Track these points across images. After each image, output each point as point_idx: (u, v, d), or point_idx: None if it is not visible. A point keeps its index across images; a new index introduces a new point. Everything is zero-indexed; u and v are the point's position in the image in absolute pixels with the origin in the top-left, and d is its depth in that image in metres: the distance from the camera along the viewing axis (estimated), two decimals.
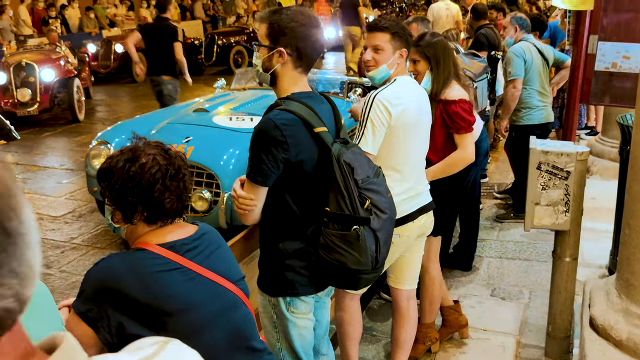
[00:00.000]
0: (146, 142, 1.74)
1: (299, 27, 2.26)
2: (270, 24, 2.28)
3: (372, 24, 2.86)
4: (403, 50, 2.79)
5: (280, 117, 2.22)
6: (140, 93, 12.75)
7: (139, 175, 1.64)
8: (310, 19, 2.31)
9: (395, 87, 2.75)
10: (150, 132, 5.10)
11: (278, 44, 2.27)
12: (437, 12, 9.53)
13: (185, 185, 1.73)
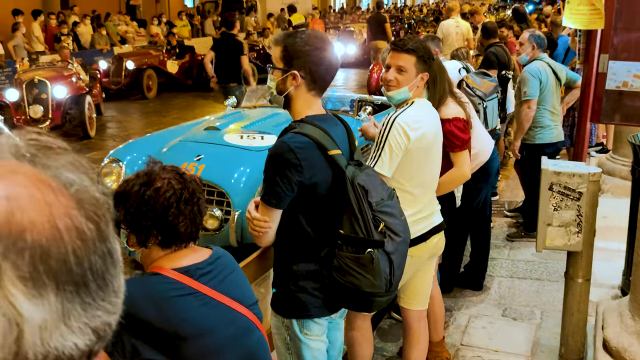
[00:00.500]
0: (161, 166, 1.76)
1: (313, 51, 2.28)
2: (285, 47, 2.31)
3: (399, 44, 2.83)
4: (425, 74, 2.81)
5: (295, 140, 2.23)
6: (150, 109, 12.85)
7: (153, 199, 1.65)
8: (324, 42, 2.34)
9: (415, 111, 2.76)
10: (162, 150, 5.13)
11: (292, 66, 2.29)
12: (446, 30, 9.57)
13: (200, 209, 1.74)
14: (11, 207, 0.53)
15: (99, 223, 0.58)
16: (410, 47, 2.77)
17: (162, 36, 17.11)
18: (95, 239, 0.57)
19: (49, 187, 0.57)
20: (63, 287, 0.54)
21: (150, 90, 14.26)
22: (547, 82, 5.12)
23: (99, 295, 0.57)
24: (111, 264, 0.59)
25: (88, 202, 0.59)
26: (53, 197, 0.56)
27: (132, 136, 10.28)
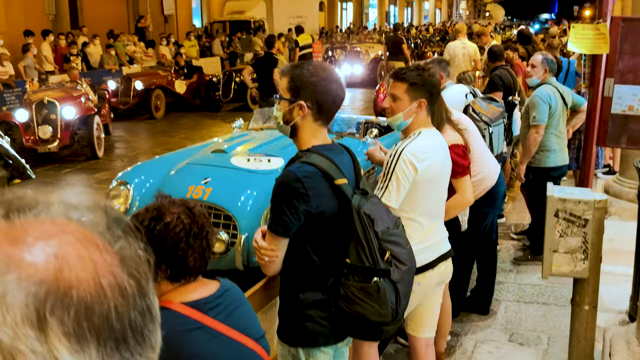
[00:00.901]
0: (171, 200, 1.79)
1: (320, 82, 2.32)
2: (292, 78, 2.34)
3: (394, 72, 2.89)
4: (422, 101, 2.82)
5: (302, 169, 2.26)
6: (158, 129, 12.93)
7: (163, 234, 1.68)
8: (330, 73, 2.37)
9: (422, 141, 2.77)
10: (170, 173, 5.18)
11: (299, 97, 2.33)
12: (453, 51, 9.62)
13: (209, 243, 1.76)
14: (60, 264, 0.56)
15: (139, 280, 0.61)
16: (401, 75, 2.82)
17: (170, 56, 17.26)
18: (136, 295, 0.60)
19: (95, 245, 0.59)
20: (104, 343, 0.56)
21: (158, 110, 14.36)
22: (556, 107, 5.13)
23: (137, 350, 0.59)
24: (150, 320, 0.61)
25: (130, 259, 0.62)
26: (98, 255, 0.59)
27: (140, 156, 10.34)
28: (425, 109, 2.85)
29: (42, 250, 0.57)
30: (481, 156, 4.12)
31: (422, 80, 2.81)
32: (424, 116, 2.87)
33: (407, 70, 2.86)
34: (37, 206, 0.62)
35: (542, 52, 5.88)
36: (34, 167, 9.55)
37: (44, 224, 0.60)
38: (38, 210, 0.62)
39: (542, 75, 5.25)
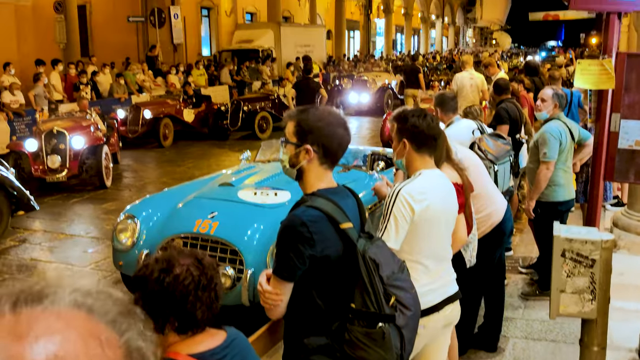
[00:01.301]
0: (180, 251, 1.79)
1: (326, 127, 2.33)
2: (298, 122, 2.36)
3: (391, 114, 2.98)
4: (404, 141, 2.87)
5: (307, 213, 2.27)
6: (166, 158, 13.00)
7: (172, 286, 1.68)
8: (336, 118, 2.39)
9: (420, 182, 2.79)
10: (177, 206, 5.20)
11: (305, 141, 2.34)
12: (461, 82, 9.66)
13: (217, 295, 1.76)
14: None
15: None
16: (392, 117, 2.93)
17: (180, 85, 17.42)
18: None
19: (99, 341, 0.62)
20: None
21: (166, 139, 14.45)
22: (565, 143, 5.11)
23: None
24: None
25: (137, 350, 0.64)
26: (100, 351, 0.61)
27: (148, 186, 10.39)
28: (412, 150, 2.87)
29: (44, 349, 0.59)
30: (487, 192, 4.12)
31: (405, 121, 2.87)
32: (418, 157, 2.89)
33: (399, 112, 2.94)
34: (47, 297, 0.64)
35: (552, 86, 5.88)
36: (42, 196, 9.64)
37: (49, 318, 0.62)
38: (47, 301, 0.64)
39: (551, 110, 5.21)
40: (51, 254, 7.03)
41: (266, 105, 15.95)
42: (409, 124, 2.86)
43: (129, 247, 5.01)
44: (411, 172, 2.91)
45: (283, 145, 2.43)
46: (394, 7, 44.39)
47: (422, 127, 2.85)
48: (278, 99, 16.41)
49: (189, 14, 24.65)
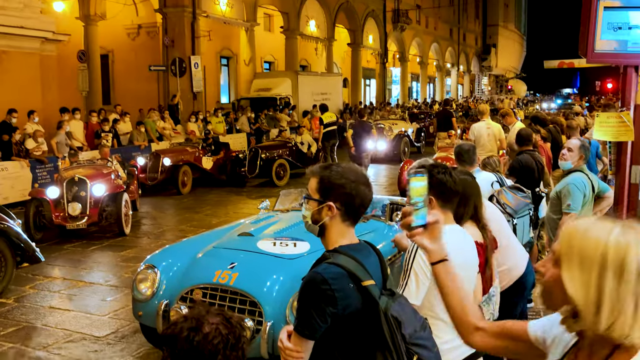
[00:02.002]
0: (208, 309, 1.80)
1: (349, 184, 2.36)
2: (321, 179, 2.39)
3: (409, 169, 2.96)
4: (430, 197, 2.86)
5: (329, 271, 2.27)
6: (184, 206, 13.10)
7: (201, 345, 1.69)
8: (358, 175, 2.42)
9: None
10: (197, 256, 5.21)
11: (328, 198, 2.37)
12: (478, 132, 9.70)
13: (244, 354, 1.77)
14: None
15: None
16: (410, 171, 2.90)
17: (198, 133, 17.66)
18: None
19: None
20: None
21: (185, 186, 14.59)
22: (588, 195, 5.08)
23: None
24: None
25: None
26: None
27: (166, 233, 10.45)
28: (437, 206, 2.87)
29: None
30: (508, 246, 4.10)
31: (429, 177, 2.85)
32: (441, 212, 2.88)
33: (413, 167, 2.93)
34: None
35: (578, 136, 5.86)
36: (62, 243, 9.73)
37: None
38: None
39: (577, 161, 5.15)
40: (70, 302, 7.05)
41: (284, 153, 16.09)
42: (436, 180, 2.87)
43: (149, 297, 5.02)
44: None
45: (306, 201, 2.46)
46: (410, 56, 45.03)
47: (450, 184, 2.86)
48: (296, 147, 16.56)
49: (209, 63, 25.18)
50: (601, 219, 1.53)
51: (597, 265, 1.43)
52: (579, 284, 1.46)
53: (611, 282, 1.41)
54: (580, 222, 1.55)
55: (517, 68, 75.24)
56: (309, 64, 34.64)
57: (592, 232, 1.47)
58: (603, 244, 1.44)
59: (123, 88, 25.95)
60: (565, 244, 1.52)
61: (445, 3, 51.02)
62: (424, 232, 1.98)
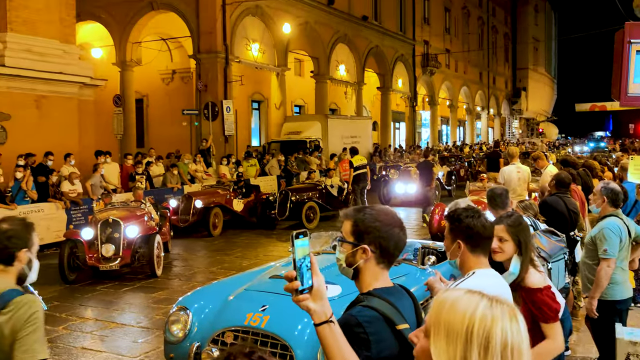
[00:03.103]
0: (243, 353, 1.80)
1: (383, 227, 2.37)
2: (355, 222, 2.41)
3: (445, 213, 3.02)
4: (458, 242, 2.87)
5: (363, 314, 2.27)
6: (215, 247, 13.17)
7: None
8: (393, 218, 2.43)
9: (473, 281, 2.77)
10: (228, 299, 5.23)
11: (362, 241, 2.37)
12: (508, 175, 9.63)
13: None
14: None
15: None
16: (445, 215, 2.98)
17: (230, 175, 17.87)
18: None
19: None
20: None
21: (215, 228, 14.70)
22: (625, 240, 4.98)
23: None
24: None
25: None
26: None
27: (197, 275, 10.51)
28: (466, 250, 2.87)
29: None
30: None
31: (459, 222, 2.88)
32: (472, 257, 2.88)
33: (452, 212, 2.94)
34: None
35: (605, 180, 5.78)
36: (95, 284, 9.83)
37: None
38: None
39: (601, 204, 5.12)
40: (102, 343, 7.09)
41: (314, 196, 16.15)
42: (464, 225, 2.87)
43: (181, 339, 5.03)
44: (465, 271, 2.90)
45: (340, 244, 2.47)
46: (439, 99, 45.20)
47: (478, 229, 2.85)
48: (325, 189, 16.61)
49: (241, 107, 25.62)
50: (470, 292, 1.52)
51: (462, 339, 1.42)
52: (444, 357, 1.44)
53: (476, 356, 1.40)
54: (449, 293, 1.54)
55: (548, 111, 74.89)
56: (339, 107, 34.99)
57: (460, 304, 1.47)
58: (469, 317, 1.43)
59: (157, 131, 26.53)
60: (434, 315, 1.51)
61: (474, 47, 51.40)
62: (309, 295, 1.98)
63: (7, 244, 2.79)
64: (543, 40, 70.40)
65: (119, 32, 24.80)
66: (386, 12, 36.43)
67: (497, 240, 3.05)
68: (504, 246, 3.32)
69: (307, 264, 2.00)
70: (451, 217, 2.95)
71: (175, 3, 23.31)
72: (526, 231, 3.31)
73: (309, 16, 28.16)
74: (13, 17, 14.66)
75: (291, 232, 2.05)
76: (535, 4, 68.95)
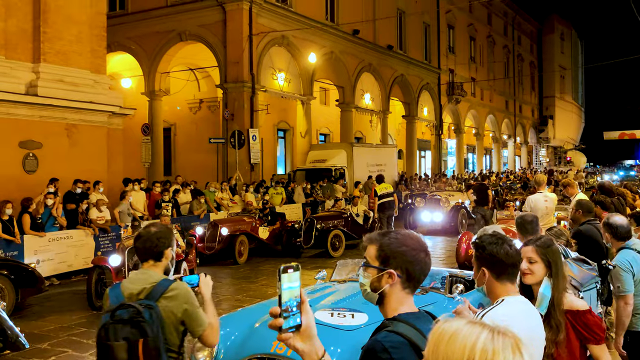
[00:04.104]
0: None
1: (409, 251, 2.35)
2: (381, 246, 2.39)
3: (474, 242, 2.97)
4: (483, 269, 2.85)
5: (389, 339, 2.24)
6: (240, 275, 13.18)
7: None
8: (418, 242, 2.41)
9: (502, 309, 2.72)
10: (254, 326, 5.21)
11: (388, 265, 2.36)
12: (535, 204, 9.49)
13: None
14: None
15: None
16: (472, 242, 2.93)
17: (255, 203, 17.94)
18: None
19: None
20: None
21: (241, 256, 14.73)
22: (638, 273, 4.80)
23: None
24: None
25: None
26: None
27: (222, 303, 10.49)
28: (491, 278, 2.84)
29: None
30: None
31: (483, 249, 2.86)
32: (498, 284, 2.84)
33: (479, 239, 2.92)
34: None
35: (608, 214, 5.60)
36: None
37: None
38: None
39: (609, 239, 4.97)
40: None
41: (339, 224, 16.12)
42: (487, 252, 2.85)
43: None
44: (493, 298, 2.86)
45: (364, 269, 2.45)
46: (465, 128, 45.07)
47: (501, 256, 2.81)
48: (351, 217, 16.57)
49: (266, 135, 25.85)
50: (472, 323, 1.46)
51: None
52: None
53: None
54: (449, 324, 1.48)
55: (576, 139, 74.16)
56: (364, 135, 35.07)
57: (459, 337, 1.41)
58: (469, 350, 1.37)
59: (183, 159, 26.84)
60: (432, 349, 1.45)
61: (500, 75, 51.32)
62: (296, 334, 1.91)
63: (158, 243, 3.39)
64: (569, 68, 70.05)
65: (148, 62, 25.31)
66: (411, 41, 36.65)
67: (526, 262, 3.01)
68: (533, 267, 3.25)
69: (297, 300, 1.89)
70: (476, 244, 2.93)
71: (204, 34, 23.75)
72: (556, 252, 3.25)
73: (334, 46, 28.45)
74: (47, 49, 15.05)
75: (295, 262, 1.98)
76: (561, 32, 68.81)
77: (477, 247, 2.90)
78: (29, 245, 12.29)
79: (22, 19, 14.77)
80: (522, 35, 60.11)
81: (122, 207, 14.64)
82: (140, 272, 3.44)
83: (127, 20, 25.28)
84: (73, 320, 9.49)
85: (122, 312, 3.17)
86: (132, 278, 3.43)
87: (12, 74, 14.37)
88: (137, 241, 3.46)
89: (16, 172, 14.31)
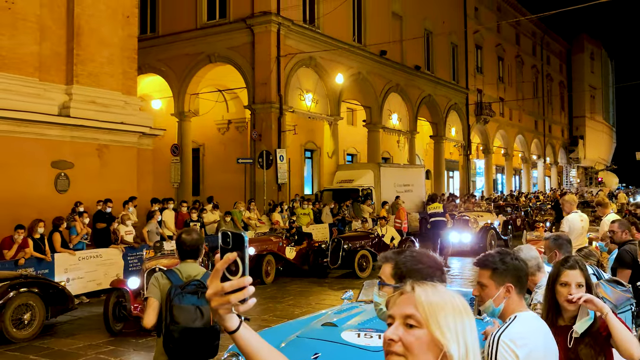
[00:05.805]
0: None
1: (425, 269, 2.32)
2: (397, 264, 2.36)
3: (477, 260, 2.91)
4: (508, 286, 2.77)
5: None
6: (267, 295, 13.15)
7: None
8: (434, 261, 2.39)
9: (518, 326, 2.67)
10: (280, 346, 5.18)
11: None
12: (572, 224, 9.34)
13: None
14: None
15: None
16: (483, 262, 2.84)
17: (282, 223, 17.96)
18: None
19: None
20: None
21: (268, 275, 14.72)
22: None
23: None
24: None
25: None
26: None
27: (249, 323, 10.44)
28: (514, 293, 2.78)
29: None
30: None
31: (505, 264, 2.78)
32: (517, 300, 2.79)
33: (489, 256, 2.85)
34: None
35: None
36: (138, 335, 9.71)
37: None
38: None
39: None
40: None
41: (366, 244, 16.03)
42: (511, 267, 2.79)
43: None
44: (506, 316, 2.79)
45: (379, 287, 2.42)
46: (494, 148, 44.69)
47: (524, 268, 2.80)
48: (378, 238, 16.48)
49: (294, 156, 25.93)
50: None
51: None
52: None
53: None
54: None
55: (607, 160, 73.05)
56: (391, 155, 34.99)
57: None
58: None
59: (212, 179, 27.04)
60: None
61: (528, 95, 50.94)
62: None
63: (198, 245, 4.23)
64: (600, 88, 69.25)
65: (178, 84, 25.68)
66: (438, 61, 36.62)
67: (575, 287, 2.96)
68: (580, 291, 3.21)
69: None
70: (492, 261, 2.85)
71: (232, 56, 24.04)
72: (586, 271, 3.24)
73: (361, 67, 28.55)
74: (79, 71, 15.37)
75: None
76: (590, 51, 68.17)
77: (495, 262, 2.82)
78: (60, 263, 12.44)
79: (57, 42, 15.12)
80: (551, 55, 59.67)
81: (150, 226, 14.76)
82: (187, 265, 4.24)
83: (157, 43, 25.72)
84: (102, 338, 9.53)
85: (189, 286, 4.03)
86: (184, 266, 4.23)
87: (46, 95, 14.68)
88: (183, 245, 4.22)
89: (48, 192, 14.55)
